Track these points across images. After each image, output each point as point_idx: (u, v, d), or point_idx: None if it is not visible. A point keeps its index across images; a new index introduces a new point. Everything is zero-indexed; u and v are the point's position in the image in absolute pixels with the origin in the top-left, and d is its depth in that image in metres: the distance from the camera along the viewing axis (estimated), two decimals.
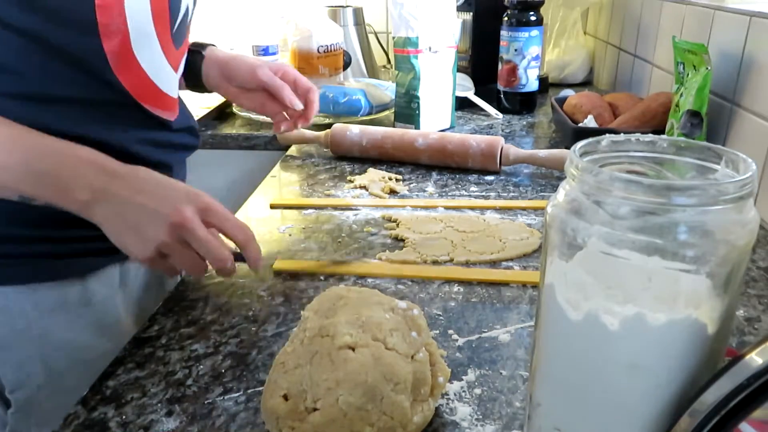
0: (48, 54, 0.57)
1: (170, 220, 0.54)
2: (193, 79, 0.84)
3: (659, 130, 1.00)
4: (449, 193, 0.92)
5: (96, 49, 0.58)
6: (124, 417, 0.48)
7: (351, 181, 0.97)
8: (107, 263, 0.68)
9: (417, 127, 1.18)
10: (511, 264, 0.71)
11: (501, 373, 0.52)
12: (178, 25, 0.67)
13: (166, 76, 0.67)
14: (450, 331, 0.58)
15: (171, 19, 0.65)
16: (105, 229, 0.56)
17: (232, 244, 0.59)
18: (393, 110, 1.25)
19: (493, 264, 0.71)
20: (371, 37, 1.77)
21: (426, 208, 0.86)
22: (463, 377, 0.52)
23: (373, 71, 1.70)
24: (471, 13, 1.43)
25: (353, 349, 0.43)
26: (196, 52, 0.83)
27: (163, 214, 0.54)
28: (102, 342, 0.66)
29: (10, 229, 0.61)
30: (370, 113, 1.29)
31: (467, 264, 0.71)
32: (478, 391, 0.50)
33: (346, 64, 1.47)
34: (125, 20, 0.59)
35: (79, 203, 0.55)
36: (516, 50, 1.31)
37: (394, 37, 1.17)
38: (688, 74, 0.94)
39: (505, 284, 0.66)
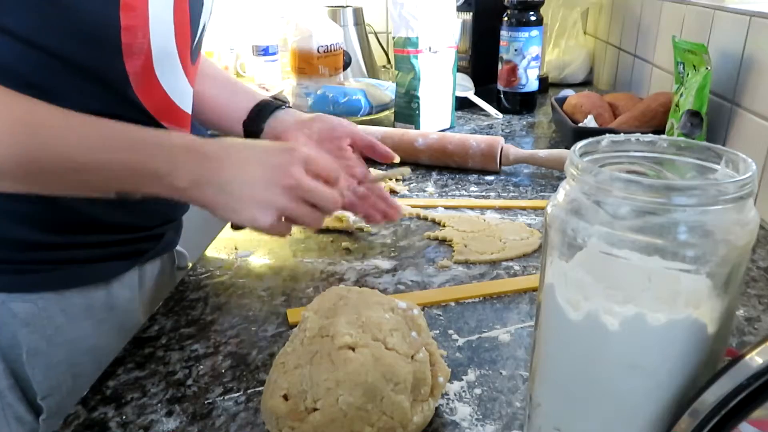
0: (71, 71, 0.56)
1: (284, 184, 0.55)
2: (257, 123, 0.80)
3: (659, 130, 1.00)
4: (449, 193, 0.92)
5: (119, 70, 0.58)
6: (124, 417, 0.48)
7: None
8: (129, 267, 0.69)
9: (417, 127, 1.18)
10: (511, 264, 0.71)
11: (501, 373, 0.52)
12: (196, 42, 0.67)
13: (183, 94, 0.67)
14: (450, 331, 0.58)
15: (191, 37, 0.65)
16: (215, 209, 0.56)
17: None
18: (393, 110, 1.25)
19: (493, 264, 0.71)
20: (371, 37, 1.77)
21: (426, 207, 0.86)
22: (463, 377, 0.52)
23: (373, 71, 1.70)
24: (471, 13, 1.43)
25: (353, 349, 0.43)
26: (276, 102, 0.81)
27: (277, 181, 0.55)
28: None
29: (40, 236, 0.61)
30: (370, 113, 1.29)
31: (467, 264, 0.71)
32: (478, 391, 0.50)
33: (346, 64, 1.47)
34: (149, 41, 0.59)
35: (181, 190, 0.55)
36: (516, 50, 1.31)
37: (394, 37, 1.17)
38: (688, 74, 0.94)
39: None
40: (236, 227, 0.66)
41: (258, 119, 0.79)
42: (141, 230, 0.70)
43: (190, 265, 0.82)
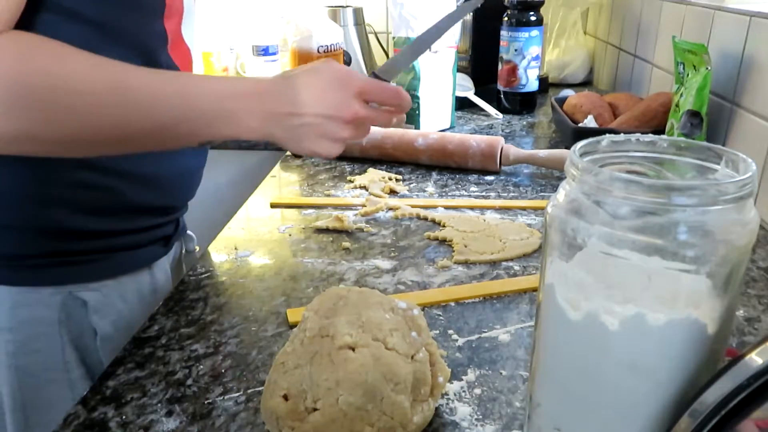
0: (112, 40, 0.58)
1: (347, 118, 0.60)
2: None
3: (659, 130, 1.00)
4: (449, 193, 0.92)
5: (159, 31, 0.61)
6: (124, 417, 0.48)
7: (351, 181, 0.97)
8: (167, 251, 0.73)
9: (417, 127, 1.18)
10: (511, 264, 0.71)
11: (501, 373, 0.52)
12: None
13: (194, 50, 0.71)
14: (450, 331, 0.58)
15: None
16: (287, 144, 0.61)
17: None
18: None
19: (493, 264, 0.71)
20: (371, 37, 1.77)
21: (426, 207, 0.86)
22: (463, 377, 0.52)
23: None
24: (471, 13, 1.43)
25: (353, 349, 0.43)
26: None
27: (340, 118, 0.60)
28: None
29: (95, 223, 0.64)
30: None
31: (467, 264, 0.71)
32: (478, 391, 0.50)
33: (346, 64, 1.48)
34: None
35: (253, 129, 0.58)
36: (516, 50, 1.31)
37: (394, 37, 1.17)
38: (688, 74, 0.94)
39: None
40: (297, 156, 0.69)
41: None
42: (169, 213, 0.73)
43: (197, 248, 0.85)
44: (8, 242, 0.62)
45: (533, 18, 1.29)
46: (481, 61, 1.46)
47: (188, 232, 0.85)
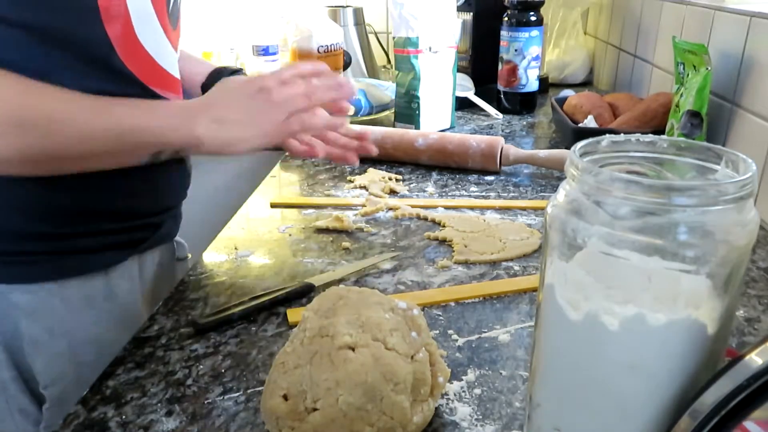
0: (50, 46, 0.56)
1: (264, 100, 0.61)
2: None
3: (659, 131, 1.00)
4: (449, 193, 0.92)
5: (100, 36, 0.58)
6: (124, 417, 0.48)
7: (351, 181, 0.97)
8: (127, 256, 0.70)
9: (417, 127, 1.18)
10: (511, 264, 0.71)
11: (501, 373, 0.52)
12: (173, 4, 0.68)
13: (168, 57, 0.68)
14: (450, 331, 0.58)
15: (166, 0, 0.66)
16: (227, 146, 0.61)
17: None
18: (393, 110, 1.25)
19: (493, 264, 0.71)
20: (371, 37, 1.76)
21: (426, 207, 0.86)
22: (463, 377, 0.52)
23: (373, 71, 1.70)
24: (471, 13, 1.44)
25: (353, 349, 0.43)
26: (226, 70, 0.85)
27: (260, 104, 0.61)
28: (126, 336, 0.67)
29: (38, 225, 0.62)
30: (370, 113, 1.29)
31: (467, 264, 0.71)
32: (478, 391, 0.50)
33: (346, 64, 1.47)
34: (125, 3, 0.60)
35: (197, 137, 0.59)
36: (516, 50, 1.31)
37: (394, 37, 1.17)
38: (688, 74, 0.94)
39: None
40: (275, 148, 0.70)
41: (216, 80, 0.81)
42: (138, 218, 0.70)
43: (189, 255, 0.83)
44: None
45: (533, 18, 1.29)
46: (481, 61, 1.46)
47: (177, 239, 0.83)
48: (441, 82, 1.20)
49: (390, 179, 0.98)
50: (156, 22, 0.64)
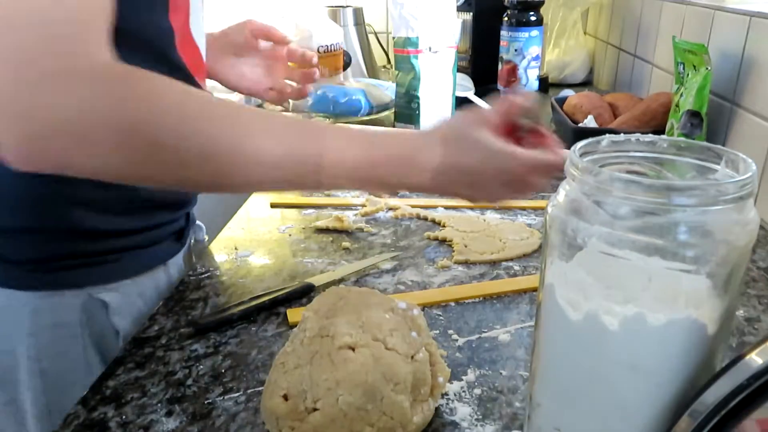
0: (117, 42, 0.56)
1: (517, 191, 0.57)
2: None
3: (659, 130, 1.00)
4: None
5: (165, 28, 0.59)
6: (124, 417, 0.48)
7: None
8: (181, 247, 0.72)
9: (417, 127, 1.18)
10: (511, 264, 0.71)
11: (501, 373, 0.52)
12: None
13: (203, 45, 0.69)
14: (450, 331, 0.58)
15: None
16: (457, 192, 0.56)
17: None
18: (393, 110, 1.25)
19: (493, 264, 0.71)
20: (371, 37, 1.76)
21: (426, 207, 0.86)
22: (463, 377, 0.52)
23: (373, 71, 1.70)
24: (471, 13, 1.44)
25: (353, 349, 0.43)
26: None
27: (512, 189, 0.57)
28: None
29: (111, 222, 0.63)
30: (370, 113, 1.29)
31: (467, 264, 0.71)
32: (478, 391, 0.50)
33: (346, 64, 1.47)
34: None
35: (429, 171, 0.52)
36: (516, 50, 1.31)
37: (394, 37, 1.17)
38: (688, 74, 0.94)
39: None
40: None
41: None
42: (182, 206, 0.73)
43: (206, 237, 0.84)
44: (26, 247, 0.60)
45: (533, 18, 1.29)
46: (481, 61, 1.46)
47: (198, 222, 0.84)
48: (441, 82, 1.20)
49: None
50: (201, 14, 0.66)
